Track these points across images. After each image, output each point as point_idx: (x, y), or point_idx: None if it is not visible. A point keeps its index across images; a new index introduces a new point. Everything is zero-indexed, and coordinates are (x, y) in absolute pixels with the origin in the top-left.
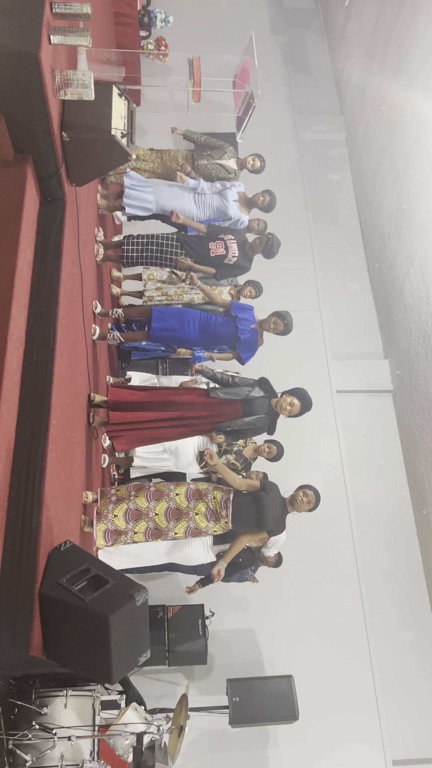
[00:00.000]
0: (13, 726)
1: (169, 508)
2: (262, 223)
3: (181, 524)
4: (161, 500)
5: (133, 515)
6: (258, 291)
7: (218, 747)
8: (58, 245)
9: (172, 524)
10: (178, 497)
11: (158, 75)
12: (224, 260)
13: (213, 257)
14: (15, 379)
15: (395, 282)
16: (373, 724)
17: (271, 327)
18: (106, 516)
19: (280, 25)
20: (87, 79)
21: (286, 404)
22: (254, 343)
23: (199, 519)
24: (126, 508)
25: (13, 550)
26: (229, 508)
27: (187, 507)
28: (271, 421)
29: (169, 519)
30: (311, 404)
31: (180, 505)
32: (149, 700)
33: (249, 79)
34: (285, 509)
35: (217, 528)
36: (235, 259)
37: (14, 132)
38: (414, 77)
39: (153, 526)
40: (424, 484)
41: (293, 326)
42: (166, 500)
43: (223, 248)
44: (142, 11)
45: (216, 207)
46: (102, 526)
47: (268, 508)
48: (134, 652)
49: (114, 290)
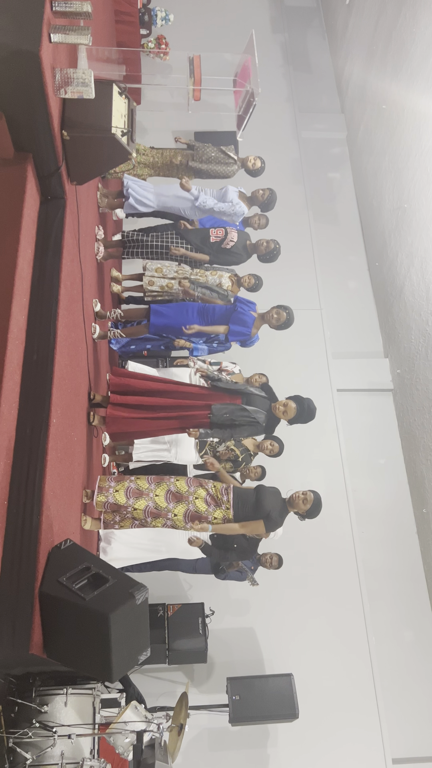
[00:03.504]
0: (13, 724)
1: (169, 491)
2: (264, 218)
3: (180, 506)
4: (162, 484)
5: (134, 493)
6: (258, 282)
7: (218, 745)
8: (58, 244)
9: (172, 506)
10: (179, 482)
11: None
12: (222, 244)
13: (212, 243)
14: (15, 377)
15: (396, 281)
16: (373, 723)
17: (273, 317)
18: (107, 489)
19: (281, 23)
20: (87, 77)
21: (280, 405)
22: (248, 323)
23: (199, 503)
24: (127, 486)
25: (13, 549)
26: (230, 494)
27: (187, 491)
28: (270, 421)
29: (169, 501)
30: (311, 413)
31: (180, 489)
32: (149, 698)
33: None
34: (285, 508)
35: (218, 514)
36: (232, 245)
37: (15, 130)
38: (415, 76)
39: (153, 505)
40: (424, 483)
41: (294, 320)
42: (167, 484)
43: (223, 234)
44: (143, 9)
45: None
46: (102, 498)
47: (268, 498)
48: (134, 651)
49: (114, 288)
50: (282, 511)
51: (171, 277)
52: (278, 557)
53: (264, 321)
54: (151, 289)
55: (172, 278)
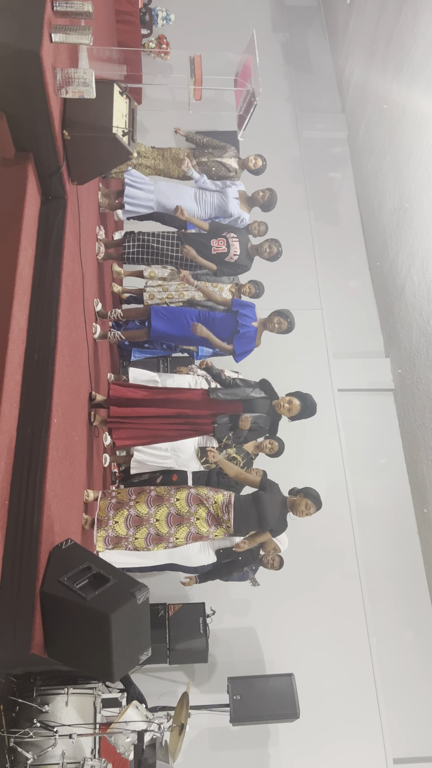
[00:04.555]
0: (14, 724)
1: (170, 514)
2: (264, 225)
3: (182, 530)
4: (162, 506)
5: (134, 521)
6: (259, 290)
7: (219, 745)
8: (59, 244)
9: (173, 530)
10: (179, 502)
11: (159, 73)
12: (225, 258)
13: (214, 255)
14: (16, 377)
15: (397, 280)
16: (374, 723)
17: (275, 326)
18: (107, 522)
19: (282, 23)
20: (88, 77)
21: (284, 402)
22: (252, 340)
23: (200, 524)
24: (126, 515)
25: (14, 549)
26: (231, 512)
27: (188, 512)
28: (273, 422)
29: (170, 524)
30: (314, 408)
31: (181, 510)
32: (150, 698)
33: (250, 77)
34: (285, 508)
35: (219, 532)
36: (236, 257)
37: (15, 130)
38: (416, 75)
39: (154, 532)
40: (425, 483)
41: (295, 326)
42: (167, 505)
43: (224, 246)
44: (144, 9)
45: (216, 205)
46: (102, 533)
47: (268, 508)
48: (135, 651)
49: (115, 288)
50: (283, 512)
51: (173, 290)
52: (279, 558)
53: (265, 328)
54: (152, 302)
55: (174, 291)
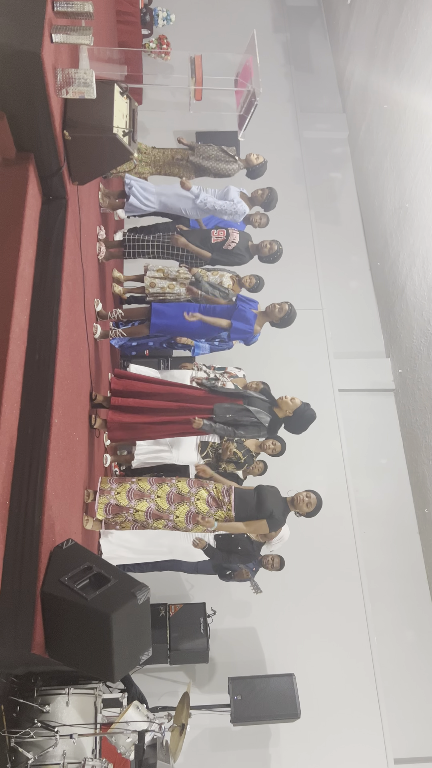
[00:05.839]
0: (15, 724)
1: (171, 492)
2: (265, 217)
3: (182, 507)
4: (163, 485)
5: (136, 495)
6: (259, 282)
7: (220, 745)
8: (60, 244)
9: (174, 507)
10: (180, 483)
11: (160, 73)
12: (223, 245)
13: (213, 244)
14: (17, 377)
15: (397, 280)
16: (374, 723)
17: (276, 308)
18: (109, 492)
19: (283, 23)
20: (89, 77)
21: (288, 400)
22: (250, 320)
23: (200, 504)
24: (129, 488)
25: (15, 548)
26: (231, 495)
27: (189, 492)
28: (273, 422)
29: (171, 502)
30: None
31: (182, 490)
32: (151, 698)
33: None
34: (286, 507)
35: (220, 515)
36: (234, 246)
37: (16, 130)
38: (416, 75)
39: (154, 507)
40: (426, 483)
41: (296, 316)
42: (169, 485)
43: (224, 235)
44: (144, 9)
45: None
46: (104, 500)
47: (269, 498)
48: (136, 651)
49: (116, 289)
50: (284, 510)
51: (172, 278)
52: (280, 559)
53: (267, 316)
54: (153, 291)
55: (174, 279)
